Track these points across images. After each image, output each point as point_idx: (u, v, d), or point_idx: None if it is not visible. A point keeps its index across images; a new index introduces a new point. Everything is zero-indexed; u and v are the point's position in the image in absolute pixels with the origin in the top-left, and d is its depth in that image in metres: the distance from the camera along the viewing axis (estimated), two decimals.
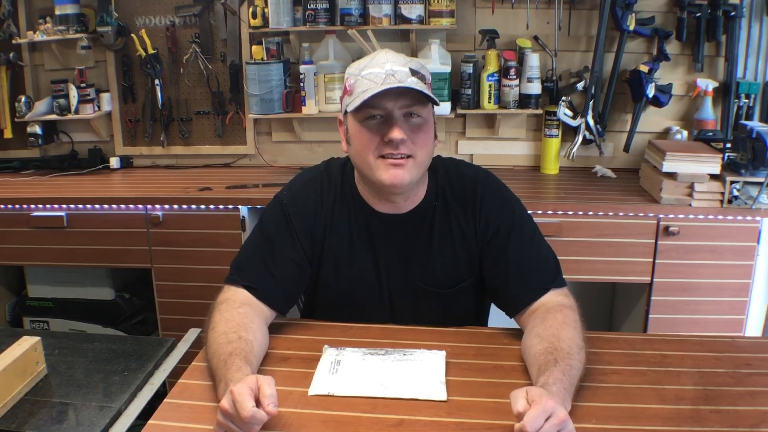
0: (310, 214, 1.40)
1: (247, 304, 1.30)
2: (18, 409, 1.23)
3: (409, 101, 1.27)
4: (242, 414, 0.97)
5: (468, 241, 1.40)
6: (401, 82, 1.25)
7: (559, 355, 1.12)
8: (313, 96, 2.58)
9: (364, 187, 1.39)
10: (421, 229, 1.40)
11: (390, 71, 1.26)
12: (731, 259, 2.19)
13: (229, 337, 1.19)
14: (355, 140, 1.32)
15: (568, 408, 1.04)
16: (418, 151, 1.29)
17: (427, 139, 1.31)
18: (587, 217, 2.23)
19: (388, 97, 1.25)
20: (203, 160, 2.85)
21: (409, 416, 1.08)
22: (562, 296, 1.32)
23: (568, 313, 1.25)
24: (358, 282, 1.42)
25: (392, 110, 1.26)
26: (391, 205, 1.39)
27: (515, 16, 2.56)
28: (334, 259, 1.41)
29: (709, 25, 2.41)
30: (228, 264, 1.39)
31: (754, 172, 2.11)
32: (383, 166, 1.28)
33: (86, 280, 2.65)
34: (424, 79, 1.30)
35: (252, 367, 1.15)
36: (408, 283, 1.42)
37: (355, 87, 1.28)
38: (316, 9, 2.49)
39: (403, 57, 1.31)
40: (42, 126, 2.74)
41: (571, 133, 2.55)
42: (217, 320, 1.24)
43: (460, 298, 1.45)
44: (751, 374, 1.21)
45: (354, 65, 1.33)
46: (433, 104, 1.31)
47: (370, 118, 1.28)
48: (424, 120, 1.30)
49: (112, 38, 2.66)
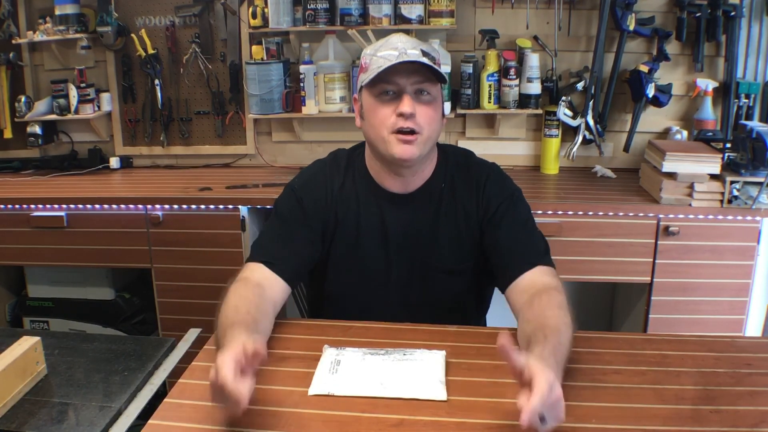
0: (321, 198, 1.49)
1: (262, 284, 1.34)
2: (18, 409, 1.23)
3: (420, 78, 1.35)
4: (226, 387, 0.97)
5: (471, 221, 1.48)
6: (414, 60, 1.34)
7: (548, 331, 1.15)
8: (313, 96, 2.58)
9: (375, 164, 1.47)
10: (428, 208, 1.48)
11: (403, 50, 1.35)
12: (731, 259, 2.19)
13: (239, 310, 1.23)
14: (369, 115, 1.41)
15: (560, 382, 1.03)
16: (426, 126, 1.37)
17: (435, 115, 1.40)
18: (587, 217, 2.23)
19: (400, 74, 1.34)
20: (203, 160, 2.85)
21: (409, 416, 1.08)
22: (550, 276, 1.36)
23: (553, 294, 1.29)
24: (367, 260, 1.49)
25: (404, 86, 1.35)
26: (400, 182, 1.46)
27: (515, 16, 2.56)
28: (345, 239, 1.49)
29: (709, 25, 2.41)
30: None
31: (754, 172, 2.11)
32: (395, 141, 1.37)
33: (86, 280, 2.65)
34: (435, 60, 1.38)
35: (254, 336, 1.15)
36: (415, 260, 1.49)
37: (371, 64, 1.37)
38: (316, 9, 2.49)
39: (416, 41, 1.41)
40: (42, 126, 2.74)
41: (571, 133, 2.55)
42: (231, 295, 1.28)
43: (464, 277, 1.52)
44: (751, 374, 1.20)
45: (369, 47, 1.44)
46: (441, 82, 1.39)
47: (384, 93, 1.37)
48: (433, 98, 1.39)
49: (112, 38, 2.66)
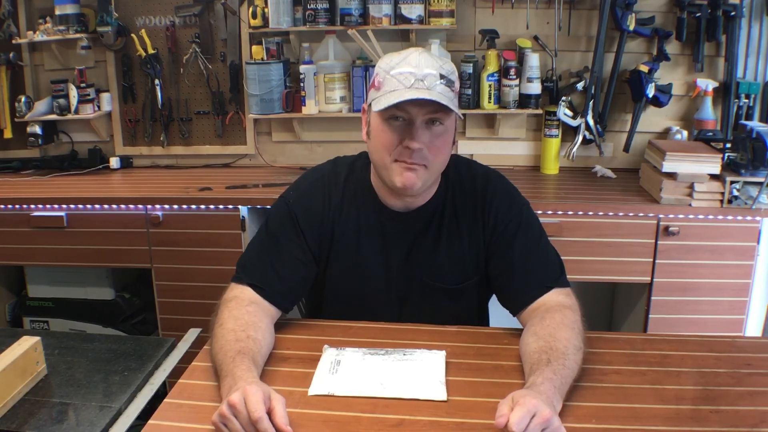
0: (318, 213, 1.40)
1: (255, 302, 1.30)
2: (18, 409, 1.23)
3: (434, 108, 1.26)
4: (253, 414, 0.97)
5: (475, 239, 1.41)
6: (429, 88, 1.24)
7: (553, 354, 1.13)
8: (313, 96, 2.58)
9: (378, 180, 1.39)
10: (430, 226, 1.41)
11: (420, 75, 1.24)
12: (731, 259, 2.19)
13: (238, 335, 1.19)
14: (375, 137, 1.32)
15: (558, 407, 1.04)
16: (434, 159, 1.30)
17: (445, 147, 1.32)
18: (587, 217, 2.23)
19: (413, 103, 1.24)
20: (203, 160, 2.85)
21: (409, 416, 1.08)
22: (564, 296, 1.31)
23: (567, 313, 1.25)
24: (367, 277, 1.43)
25: (415, 117, 1.26)
26: (402, 200, 1.39)
27: (515, 16, 2.56)
28: (342, 256, 1.42)
29: (709, 25, 2.41)
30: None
31: (754, 172, 2.11)
32: (398, 170, 1.29)
33: (86, 280, 2.64)
34: (453, 85, 1.28)
35: (258, 369, 1.15)
36: (415, 278, 1.43)
37: (384, 84, 1.28)
38: (316, 9, 2.49)
39: (436, 60, 1.29)
40: (42, 126, 2.74)
41: (571, 133, 2.55)
42: (225, 317, 1.24)
43: (466, 296, 1.46)
44: (751, 374, 1.20)
45: (385, 60, 1.31)
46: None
47: (393, 118, 1.28)
48: (445, 129, 1.30)
49: (112, 38, 2.66)
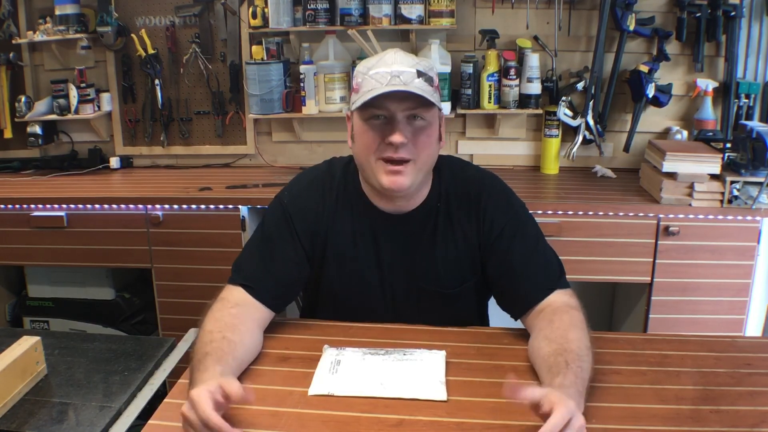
0: (312, 214, 1.39)
1: (240, 304, 1.28)
2: (18, 409, 1.23)
3: (414, 104, 1.26)
4: (201, 417, 0.96)
5: (470, 242, 1.39)
6: (406, 84, 1.24)
7: (570, 356, 1.12)
8: (313, 96, 2.58)
9: (367, 185, 1.38)
10: (424, 229, 1.39)
11: (396, 72, 1.25)
12: (731, 259, 2.19)
13: (213, 336, 1.17)
14: (358, 139, 1.32)
15: (582, 411, 1.03)
16: (420, 153, 1.28)
17: (429, 141, 1.30)
18: (587, 217, 2.23)
19: (392, 98, 1.24)
20: (203, 160, 2.85)
21: (409, 416, 1.08)
22: (567, 296, 1.31)
23: (574, 314, 1.25)
24: (361, 281, 1.41)
25: (395, 112, 1.26)
26: (393, 204, 1.38)
27: (515, 16, 2.56)
28: (336, 259, 1.41)
29: (709, 25, 2.40)
30: (228, 264, 1.39)
31: (754, 172, 2.11)
32: (382, 170, 1.28)
33: (86, 280, 2.65)
34: (432, 81, 1.28)
35: (225, 368, 1.11)
36: (411, 282, 1.41)
37: (362, 85, 1.28)
38: (316, 9, 2.49)
39: (412, 58, 1.30)
40: (42, 126, 2.74)
41: (571, 133, 2.55)
42: (206, 319, 1.23)
43: (463, 299, 1.45)
44: (751, 374, 1.20)
45: (363, 63, 1.32)
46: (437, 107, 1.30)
47: (374, 117, 1.27)
48: (427, 123, 1.29)
49: (112, 38, 2.66)
